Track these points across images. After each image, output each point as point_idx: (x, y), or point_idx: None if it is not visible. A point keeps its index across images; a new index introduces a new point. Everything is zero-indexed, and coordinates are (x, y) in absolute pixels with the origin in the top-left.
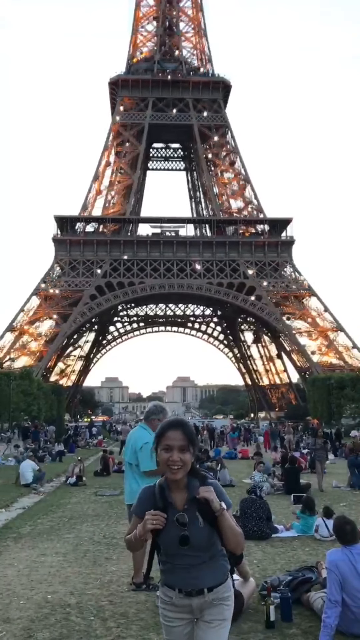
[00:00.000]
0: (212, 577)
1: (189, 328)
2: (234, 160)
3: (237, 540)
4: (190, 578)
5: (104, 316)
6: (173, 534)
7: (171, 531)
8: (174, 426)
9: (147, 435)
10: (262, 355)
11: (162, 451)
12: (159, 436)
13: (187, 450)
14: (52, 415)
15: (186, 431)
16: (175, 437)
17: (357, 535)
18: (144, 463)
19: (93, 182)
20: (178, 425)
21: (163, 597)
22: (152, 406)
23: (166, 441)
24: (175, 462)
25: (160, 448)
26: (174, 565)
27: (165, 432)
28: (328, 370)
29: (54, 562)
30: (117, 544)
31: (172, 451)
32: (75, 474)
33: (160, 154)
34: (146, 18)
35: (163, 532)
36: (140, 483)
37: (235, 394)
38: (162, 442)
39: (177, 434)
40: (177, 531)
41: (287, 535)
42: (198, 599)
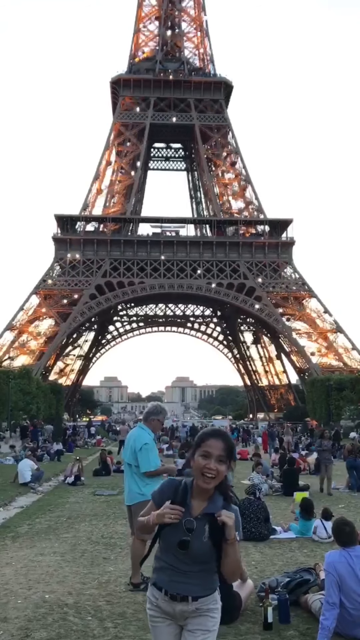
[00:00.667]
0: (199, 588)
1: (188, 328)
2: (235, 160)
3: (235, 570)
4: (178, 582)
5: (104, 315)
6: (177, 535)
7: (176, 531)
8: (217, 435)
9: (146, 435)
10: (261, 356)
11: (199, 457)
12: (199, 442)
13: (224, 462)
14: (51, 415)
15: (228, 443)
16: (216, 446)
17: (355, 537)
18: (143, 464)
19: (94, 182)
20: (220, 435)
21: (150, 598)
22: (152, 406)
23: (206, 448)
24: (211, 470)
25: (198, 454)
26: (166, 563)
27: (206, 439)
28: (327, 372)
29: (52, 561)
30: (115, 543)
31: (209, 459)
32: (73, 474)
33: (161, 154)
34: (148, 18)
35: (170, 528)
36: (139, 484)
37: (234, 395)
38: (201, 448)
39: (219, 444)
40: (181, 534)
41: (285, 536)
42: (181, 605)
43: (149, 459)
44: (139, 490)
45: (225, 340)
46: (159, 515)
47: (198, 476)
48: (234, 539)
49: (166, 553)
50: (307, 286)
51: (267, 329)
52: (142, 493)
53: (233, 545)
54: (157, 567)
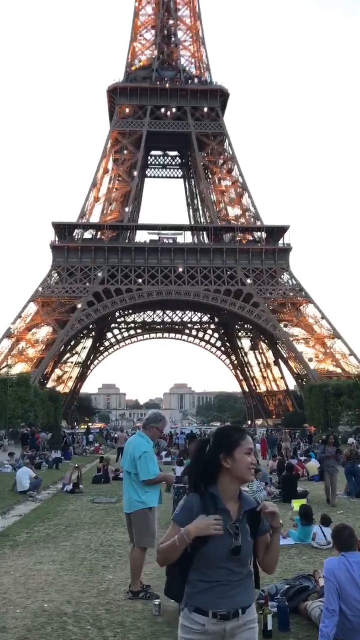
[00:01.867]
0: (247, 596)
1: (186, 335)
2: (232, 168)
3: (276, 559)
4: (229, 596)
5: (102, 323)
6: (224, 544)
7: (221, 540)
8: (248, 433)
9: (145, 443)
10: (259, 362)
11: (245, 455)
12: (237, 440)
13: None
14: (49, 422)
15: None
16: (251, 442)
17: (354, 542)
18: (143, 472)
19: (91, 189)
20: (250, 434)
21: (189, 626)
22: (152, 414)
23: (248, 445)
24: (255, 464)
25: (243, 452)
26: (211, 583)
27: (244, 436)
28: (325, 378)
29: (51, 570)
30: (114, 551)
31: (252, 455)
32: (72, 481)
33: (158, 162)
34: (144, 27)
35: (213, 542)
36: (139, 492)
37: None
38: (242, 446)
39: (251, 441)
40: (228, 541)
41: (284, 543)
42: (233, 622)
43: (148, 467)
44: (138, 498)
45: (223, 347)
46: (201, 529)
47: (246, 472)
48: (280, 524)
49: (210, 570)
50: (304, 292)
51: (264, 335)
52: (141, 501)
53: (278, 532)
54: (197, 591)
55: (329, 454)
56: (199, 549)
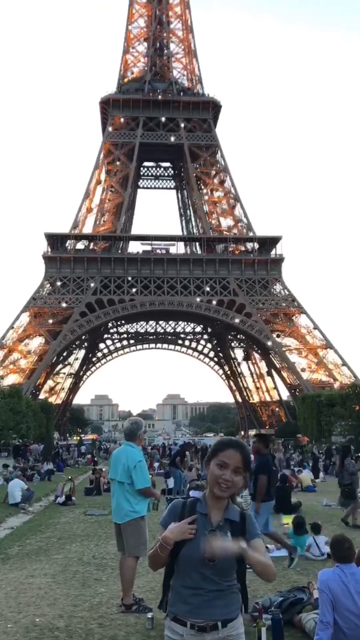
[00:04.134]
0: (227, 610)
1: (179, 345)
2: (224, 179)
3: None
4: (208, 607)
5: (94, 333)
6: (199, 547)
7: (198, 543)
8: (235, 446)
9: (138, 453)
10: (252, 372)
11: (215, 466)
12: (215, 450)
13: (241, 473)
14: (41, 434)
15: (245, 455)
16: (233, 457)
17: (352, 554)
18: (139, 481)
19: (84, 200)
20: (239, 447)
21: (170, 636)
22: (131, 424)
23: (223, 458)
24: (226, 481)
25: (214, 462)
26: (189, 590)
27: (224, 448)
28: (318, 388)
29: (43, 583)
30: (107, 564)
31: (226, 469)
32: (64, 493)
33: (150, 173)
34: (137, 39)
35: (188, 546)
36: (132, 502)
37: (226, 412)
38: (217, 457)
39: (237, 455)
40: (204, 545)
41: (278, 554)
42: (211, 635)
43: (144, 476)
44: (131, 508)
45: (216, 357)
46: (176, 534)
47: (213, 484)
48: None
49: (187, 575)
50: (296, 302)
51: (257, 346)
52: (134, 510)
53: (246, 556)
54: (175, 598)
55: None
56: (177, 553)
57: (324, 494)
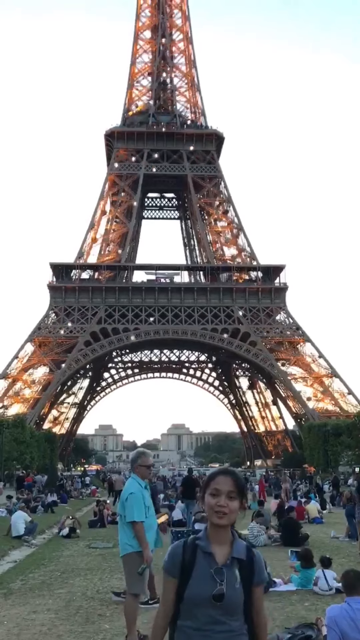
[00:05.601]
0: None
1: (183, 374)
2: (227, 209)
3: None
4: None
5: (99, 362)
6: (207, 587)
7: (205, 585)
8: (225, 473)
9: (134, 485)
10: (257, 401)
11: (209, 496)
12: (207, 482)
13: (236, 498)
14: (45, 464)
15: (237, 479)
16: (224, 482)
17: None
18: (129, 514)
19: (89, 231)
20: (228, 472)
21: None
22: (133, 454)
23: (215, 485)
24: (222, 507)
25: (208, 492)
26: (196, 631)
27: (214, 477)
28: (324, 417)
29: (46, 619)
30: (111, 599)
31: (219, 496)
32: (67, 526)
33: (155, 204)
34: (141, 74)
35: (194, 584)
36: (128, 535)
37: (231, 442)
38: (210, 487)
39: (227, 480)
40: (212, 585)
41: (285, 589)
42: None
43: (133, 509)
44: (128, 541)
45: (221, 386)
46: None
47: (211, 514)
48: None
49: (194, 616)
50: (301, 331)
51: (262, 374)
52: (130, 544)
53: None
54: (181, 639)
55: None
56: (182, 593)
57: (331, 526)
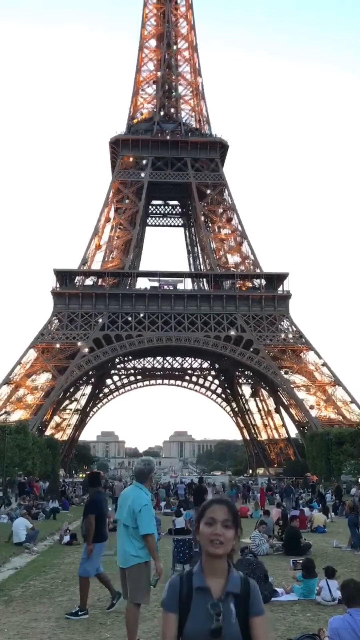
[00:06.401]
0: None
1: (186, 381)
2: (231, 217)
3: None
4: None
5: (101, 369)
6: (204, 624)
7: (202, 620)
8: (219, 502)
9: (145, 496)
10: (260, 409)
11: (204, 525)
12: (201, 512)
13: (231, 527)
14: (47, 471)
15: (231, 508)
16: (219, 511)
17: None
18: (144, 526)
19: (93, 237)
20: (223, 502)
21: None
22: (144, 464)
23: (210, 514)
24: (218, 535)
25: (203, 522)
26: None
27: (209, 506)
28: (326, 425)
29: (46, 627)
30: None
31: (215, 525)
32: (69, 533)
33: (159, 211)
34: (146, 82)
35: (192, 620)
36: (136, 546)
37: (233, 449)
38: (205, 516)
39: (222, 508)
40: (209, 621)
41: (287, 599)
42: None
43: (149, 521)
44: (134, 553)
45: (224, 394)
46: None
47: (206, 544)
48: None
49: None
50: (304, 339)
51: (265, 382)
52: (137, 555)
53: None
54: None
55: None
56: (182, 629)
57: (333, 535)
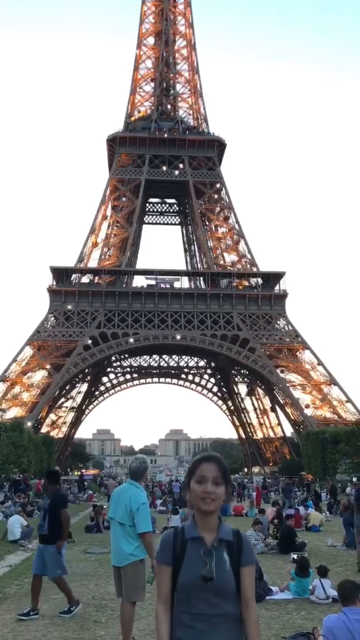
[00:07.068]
0: (232, 636)
1: (182, 380)
2: (228, 215)
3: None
4: (211, 632)
5: (97, 367)
6: (197, 570)
7: (195, 567)
8: (208, 459)
9: (142, 495)
10: (256, 408)
11: (195, 484)
12: (191, 470)
13: (221, 484)
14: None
15: (221, 465)
16: (209, 469)
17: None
18: (142, 525)
19: (90, 235)
20: (212, 459)
21: None
22: (139, 462)
23: (200, 472)
24: (209, 493)
25: (194, 481)
26: (191, 616)
27: (199, 464)
28: (322, 425)
29: (40, 625)
30: (107, 605)
31: (206, 483)
32: None
33: (156, 209)
34: (144, 79)
35: (186, 571)
36: (132, 544)
37: (229, 448)
38: (195, 474)
39: (212, 466)
40: (201, 567)
41: (282, 597)
42: None
43: (147, 520)
44: (130, 551)
45: (220, 392)
46: None
47: (198, 502)
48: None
49: (189, 602)
50: (300, 338)
51: (261, 381)
52: (133, 554)
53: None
54: (175, 624)
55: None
56: (176, 582)
57: (328, 534)
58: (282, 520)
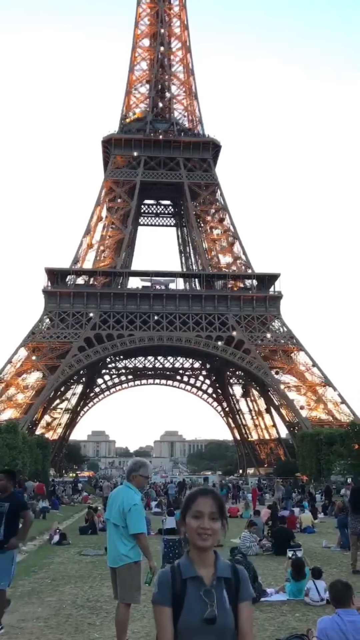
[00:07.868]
0: None
1: (177, 381)
2: (223, 217)
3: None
4: None
5: (92, 368)
6: (198, 612)
7: (196, 608)
8: (204, 493)
9: (134, 495)
10: (251, 409)
11: (191, 519)
12: (188, 503)
13: (218, 519)
14: (37, 470)
15: (217, 499)
16: (205, 504)
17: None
18: (134, 525)
19: (84, 236)
20: (208, 492)
21: None
22: (132, 463)
23: (197, 507)
24: (206, 529)
25: (190, 515)
26: None
27: (195, 498)
28: (317, 426)
29: (35, 628)
30: (101, 607)
31: (202, 518)
32: (58, 533)
33: (151, 210)
34: (139, 81)
35: (186, 611)
36: (127, 546)
37: (224, 449)
38: (191, 509)
39: (208, 501)
40: (202, 608)
41: (277, 599)
42: None
43: (139, 521)
44: (125, 552)
45: (215, 394)
46: None
47: (194, 537)
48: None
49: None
50: (295, 339)
51: (256, 382)
52: (128, 555)
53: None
54: None
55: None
56: (176, 624)
57: (323, 536)
58: (275, 522)
